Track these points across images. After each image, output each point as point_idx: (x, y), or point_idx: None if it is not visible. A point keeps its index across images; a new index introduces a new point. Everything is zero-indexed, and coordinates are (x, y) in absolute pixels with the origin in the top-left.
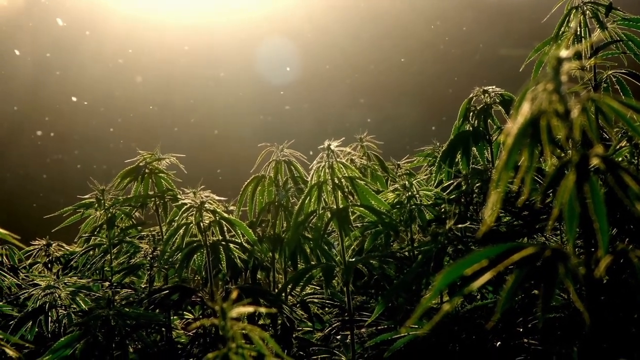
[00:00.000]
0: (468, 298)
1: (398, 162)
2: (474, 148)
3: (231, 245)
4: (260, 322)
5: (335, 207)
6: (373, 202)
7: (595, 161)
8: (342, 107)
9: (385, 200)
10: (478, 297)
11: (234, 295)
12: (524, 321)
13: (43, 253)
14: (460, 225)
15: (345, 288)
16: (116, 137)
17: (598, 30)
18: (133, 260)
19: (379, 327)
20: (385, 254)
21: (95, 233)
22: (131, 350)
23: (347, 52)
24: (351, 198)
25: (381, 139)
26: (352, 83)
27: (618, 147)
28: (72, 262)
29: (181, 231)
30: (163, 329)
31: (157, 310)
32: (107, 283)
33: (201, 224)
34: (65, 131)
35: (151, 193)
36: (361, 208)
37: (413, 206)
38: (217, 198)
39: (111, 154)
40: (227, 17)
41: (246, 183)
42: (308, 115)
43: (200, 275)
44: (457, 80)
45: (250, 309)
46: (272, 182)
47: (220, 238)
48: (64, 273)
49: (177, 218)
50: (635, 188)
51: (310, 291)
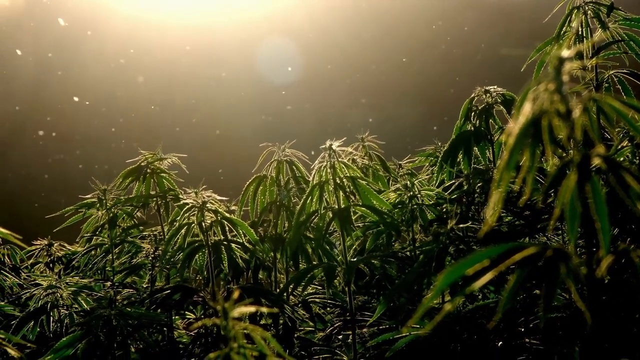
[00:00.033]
0: (469, 298)
1: (400, 162)
2: (476, 148)
3: (233, 245)
4: (262, 322)
5: (337, 207)
6: (375, 202)
7: (596, 161)
8: (343, 107)
9: (386, 200)
10: (479, 297)
11: (236, 295)
12: (526, 321)
13: (45, 253)
14: (461, 225)
15: (346, 288)
16: (118, 137)
17: (599, 30)
18: (135, 260)
19: (381, 327)
20: (386, 254)
21: (97, 233)
22: (133, 350)
23: (348, 52)
24: (353, 198)
25: (382, 139)
26: (353, 83)
27: (619, 147)
28: (74, 262)
29: (183, 231)
30: (165, 329)
31: (159, 310)
32: (109, 283)
33: (203, 224)
34: (66, 131)
35: (153, 193)
36: (363, 208)
37: (415, 206)
38: (219, 198)
39: (113, 154)
40: (228, 17)
41: (248, 183)
42: (309, 115)
43: (202, 275)
44: (458, 80)
45: (252, 309)
46: (274, 182)
47: (222, 238)
48: (66, 273)
49: (179, 218)
50: (636, 188)
51: (311, 291)
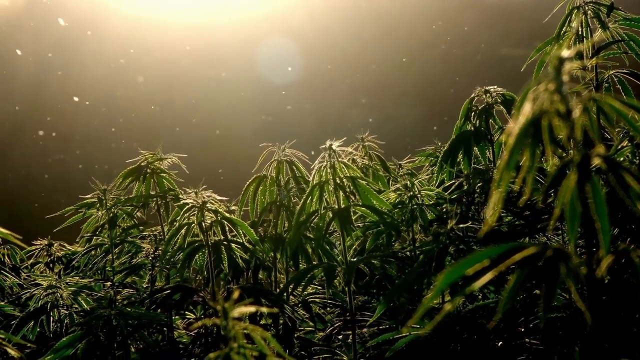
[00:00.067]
0: (469, 298)
1: (400, 162)
2: (476, 148)
3: (233, 245)
4: (262, 322)
5: (337, 207)
6: (375, 202)
7: (596, 161)
8: (343, 107)
9: (386, 200)
10: (479, 297)
11: (236, 295)
12: (526, 321)
13: (45, 253)
14: (461, 225)
15: (346, 288)
16: (118, 137)
17: (599, 30)
18: (135, 260)
19: (381, 327)
20: (386, 254)
21: (97, 233)
22: (133, 350)
23: (348, 52)
24: (353, 198)
25: (382, 139)
26: (353, 83)
27: (619, 147)
28: (74, 262)
29: (183, 231)
30: (165, 329)
31: (159, 310)
32: (109, 283)
33: (203, 224)
34: (67, 131)
35: (153, 193)
36: (363, 208)
37: (415, 206)
38: (219, 198)
39: (113, 154)
40: (228, 17)
41: (248, 183)
42: (309, 115)
43: (202, 275)
44: (458, 80)
45: (252, 309)
46: (274, 182)
47: (222, 238)
48: (66, 273)
49: (179, 218)
50: (636, 188)
51: (311, 291)
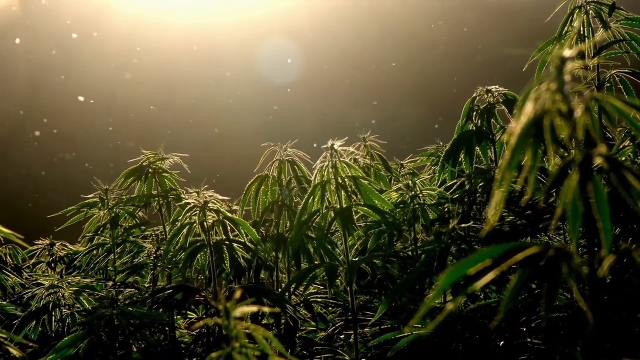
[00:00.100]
0: (471, 297)
1: (401, 162)
2: (478, 147)
3: (235, 244)
4: (263, 322)
5: (338, 207)
6: (376, 202)
7: (598, 160)
8: (343, 107)
9: (388, 199)
10: (481, 297)
11: (238, 294)
12: (527, 320)
13: (46, 252)
14: (463, 224)
15: (348, 287)
16: (119, 137)
17: (601, 29)
18: (136, 259)
19: (383, 327)
20: (388, 254)
21: (98, 232)
22: (135, 349)
23: (348, 52)
24: (354, 197)
25: (382, 139)
26: (353, 83)
27: (621, 147)
28: (76, 262)
29: (184, 230)
30: (166, 329)
31: (161, 309)
32: (111, 282)
33: (205, 224)
34: (68, 131)
35: (155, 192)
36: (365, 207)
37: (416, 205)
38: (221, 197)
39: (114, 154)
40: (229, 17)
41: (250, 182)
42: (310, 115)
43: (203, 274)
44: (459, 80)
45: (253, 309)
46: (276, 182)
47: (223, 237)
48: (68, 272)
49: (181, 217)
50: (638, 187)
51: (313, 290)
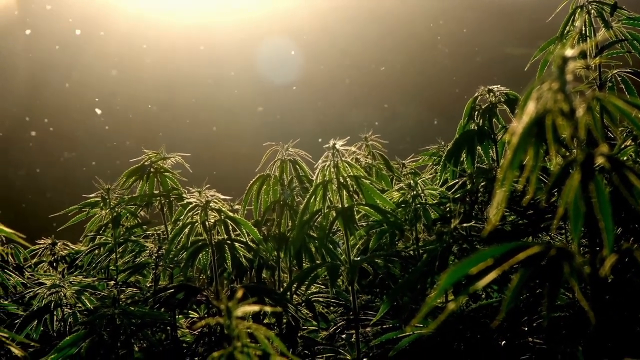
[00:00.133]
0: (473, 297)
1: (403, 162)
2: (479, 147)
3: (236, 244)
4: (265, 321)
5: (340, 206)
6: (378, 201)
7: (600, 160)
8: (343, 107)
9: (390, 199)
10: (483, 296)
11: (239, 294)
12: (529, 320)
13: (48, 252)
14: (465, 224)
15: (350, 287)
16: (119, 136)
17: (603, 29)
18: (138, 259)
19: (384, 326)
20: (390, 253)
21: (100, 232)
22: (136, 349)
23: (348, 52)
24: (356, 197)
25: (383, 139)
26: (353, 83)
27: (623, 146)
28: (78, 261)
29: (186, 230)
30: (168, 328)
31: (163, 309)
32: (113, 282)
33: (206, 223)
34: (69, 130)
35: (156, 192)
36: (366, 207)
37: (418, 205)
38: (222, 197)
39: (116, 153)
40: (229, 17)
41: (251, 182)
42: (310, 115)
43: (205, 274)
44: (459, 80)
45: (255, 308)
46: (278, 181)
47: (225, 237)
48: (69, 272)
49: (183, 217)
50: None
51: (315, 290)
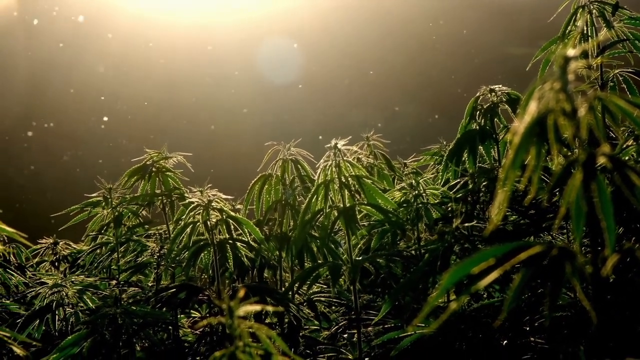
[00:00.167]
0: (475, 297)
1: (405, 161)
2: (481, 147)
3: (238, 243)
4: (267, 321)
5: (342, 206)
6: (380, 201)
7: (602, 160)
8: (343, 107)
9: (392, 199)
10: (485, 296)
11: (241, 293)
12: (531, 320)
13: (50, 251)
14: (467, 224)
15: (352, 287)
16: (120, 136)
17: (604, 29)
18: (140, 258)
19: (386, 326)
20: (392, 253)
21: (102, 231)
22: (138, 348)
23: (348, 52)
24: (358, 197)
25: (385, 139)
26: (353, 83)
27: (625, 146)
28: (79, 261)
29: (188, 230)
30: (170, 328)
31: (164, 308)
32: (114, 281)
33: (208, 223)
34: (71, 130)
35: (158, 192)
36: (368, 207)
37: (420, 205)
38: (224, 196)
39: (118, 153)
40: (229, 17)
41: (253, 182)
42: (310, 115)
43: (207, 273)
44: (460, 80)
45: (257, 308)
46: (279, 181)
47: (227, 236)
48: (71, 271)
49: (184, 216)
50: None
51: (317, 290)
